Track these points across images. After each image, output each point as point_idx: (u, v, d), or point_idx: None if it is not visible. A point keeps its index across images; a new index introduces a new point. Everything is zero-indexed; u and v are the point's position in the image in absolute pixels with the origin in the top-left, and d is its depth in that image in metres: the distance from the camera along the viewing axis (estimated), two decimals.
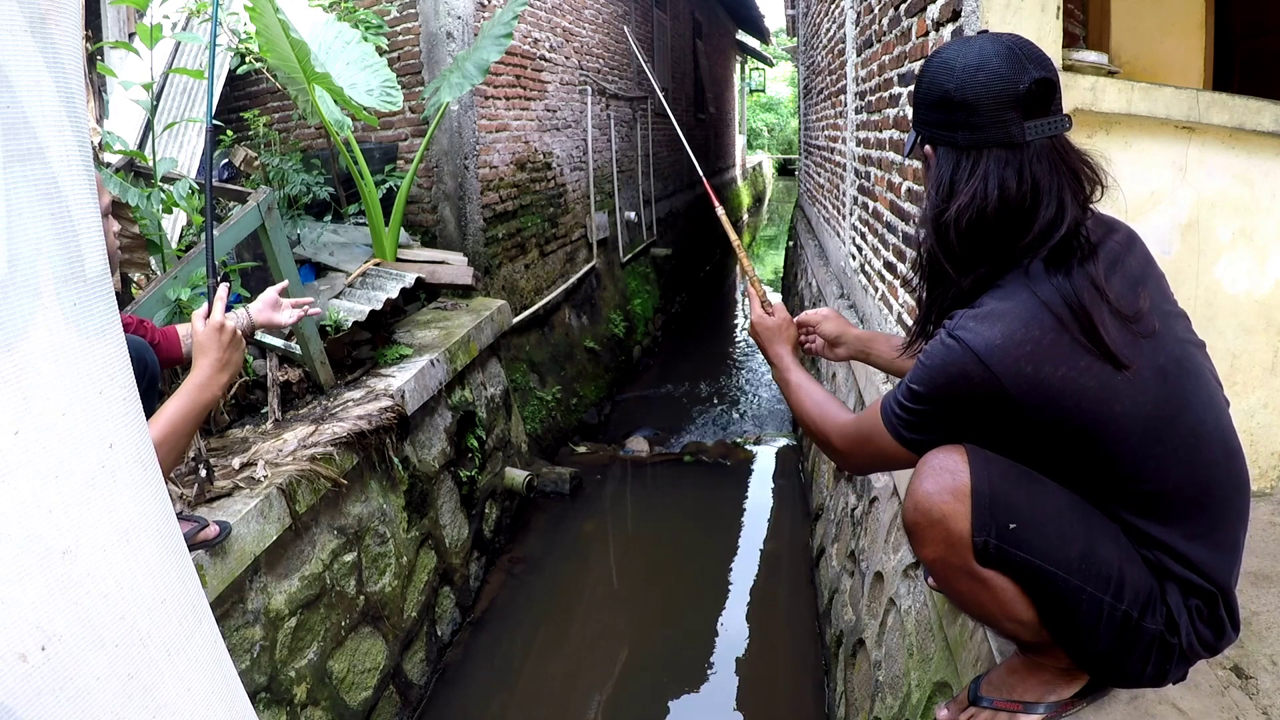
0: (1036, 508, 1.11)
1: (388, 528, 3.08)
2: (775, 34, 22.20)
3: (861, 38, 3.83)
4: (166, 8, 3.98)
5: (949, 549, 1.12)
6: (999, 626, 1.21)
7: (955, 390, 1.09)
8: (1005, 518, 1.09)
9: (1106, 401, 1.05)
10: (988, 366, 1.05)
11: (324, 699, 2.53)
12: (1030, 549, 1.10)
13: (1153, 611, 1.12)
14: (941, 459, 1.13)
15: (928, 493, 1.12)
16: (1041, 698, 1.26)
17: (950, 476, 1.10)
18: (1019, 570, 1.12)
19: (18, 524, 0.66)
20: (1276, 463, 2.08)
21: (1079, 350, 1.05)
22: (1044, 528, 1.10)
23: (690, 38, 12.59)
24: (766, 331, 1.57)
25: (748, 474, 5.16)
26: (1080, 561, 1.09)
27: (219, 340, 1.45)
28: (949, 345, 1.09)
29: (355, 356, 3.56)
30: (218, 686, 0.86)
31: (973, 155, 1.10)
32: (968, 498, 1.09)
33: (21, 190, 0.68)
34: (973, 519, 1.09)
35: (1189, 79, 3.09)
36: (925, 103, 1.15)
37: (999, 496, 1.09)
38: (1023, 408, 1.07)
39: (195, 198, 3.02)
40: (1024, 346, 1.04)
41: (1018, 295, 1.07)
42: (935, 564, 1.16)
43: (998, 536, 1.09)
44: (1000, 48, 1.08)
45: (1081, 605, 1.10)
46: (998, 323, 1.06)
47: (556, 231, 6.37)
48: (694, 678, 3.23)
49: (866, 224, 3.75)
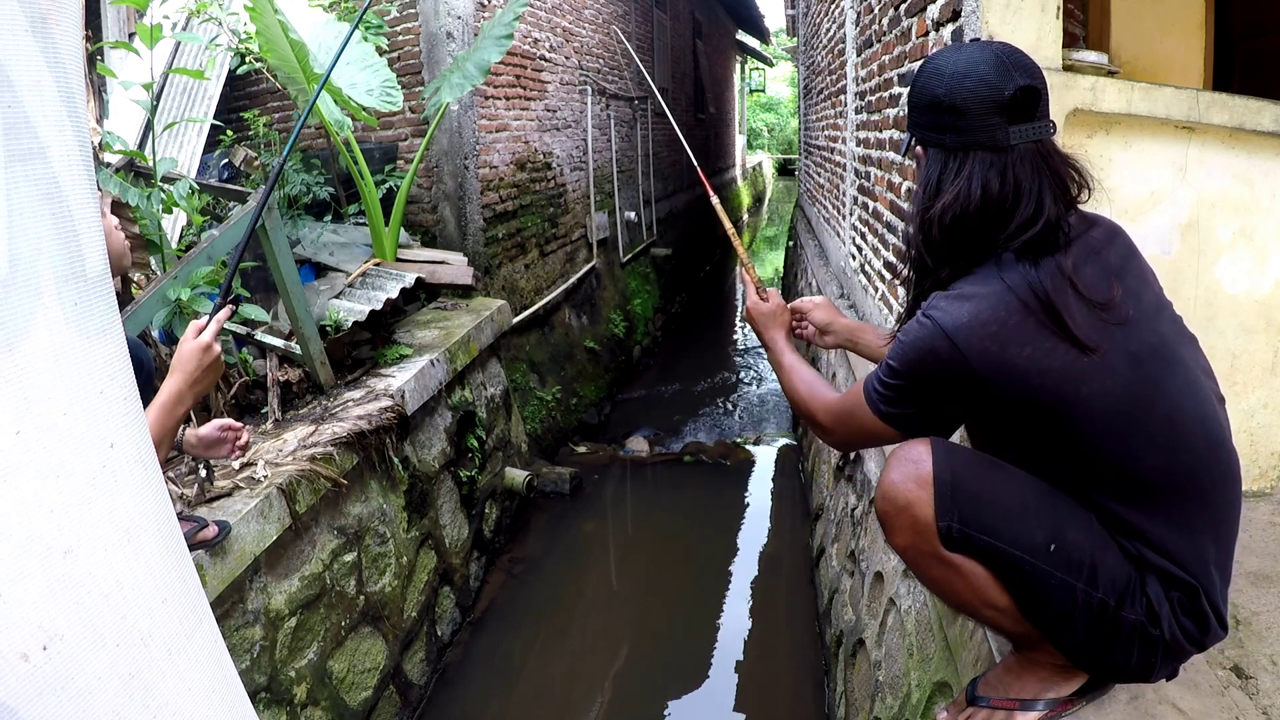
0: (1001, 494, 1.16)
1: (388, 528, 3.08)
2: (775, 34, 22.20)
3: (861, 38, 3.83)
4: (166, 8, 3.98)
5: (917, 535, 1.17)
6: (979, 615, 1.24)
7: (926, 366, 1.14)
8: (967, 503, 1.14)
9: (1073, 382, 1.09)
10: (955, 344, 1.10)
11: (324, 699, 2.53)
12: (994, 534, 1.14)
13: (1132, 601, 1.13)
14: (907, 450, 1.19)
15: (894, 481, 1.18)
16: (1039, 695, 1.26)
17: (914, 466, 1.16)
18: (985, 555, 1.16)
19: (19, 523, 0.66)
20: (1276, 463, 2.08)
21: (1044, 332, 1.09)
22: (1008, 513, 1.14)
23: (690, 38, 12.59)
24: (762, 316, 1.62)
25: (748, 474, 5.16)
26: (1048, 547, 1.13)
27: (200, 360, 1.46)
28: (922, 323, 1.14)
29: (355, 356, 3.56)
30: (218, 686, 0.86)
31: (959, 156, 1.15)
32: (930, 484, 1.14)
33: (23, 190, 0.69)
34: (935, 504, 1.14)
35: (1189, 79, 3.09)
36: (917, 106, 1.21)
37: (960, 483, 1.14)
38: (990, 384, 1.11)
39: (195, 198, 3.02)
40: (990, 326, 1.09)
41: (987, 281, 1.13)
42: (907, 551, 1.21)
43: (960, 521, 1.14)
44: (988, 55, 1.13)
45: (1052, 591, 1.13)
46: (967, 303, 1.11)
47: (556, 231, 6.37)
48: (694, 678, 3.23)
49: (866, 224, 3.75)
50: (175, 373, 1.46)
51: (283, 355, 3.20)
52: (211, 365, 1.48)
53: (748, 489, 4.98)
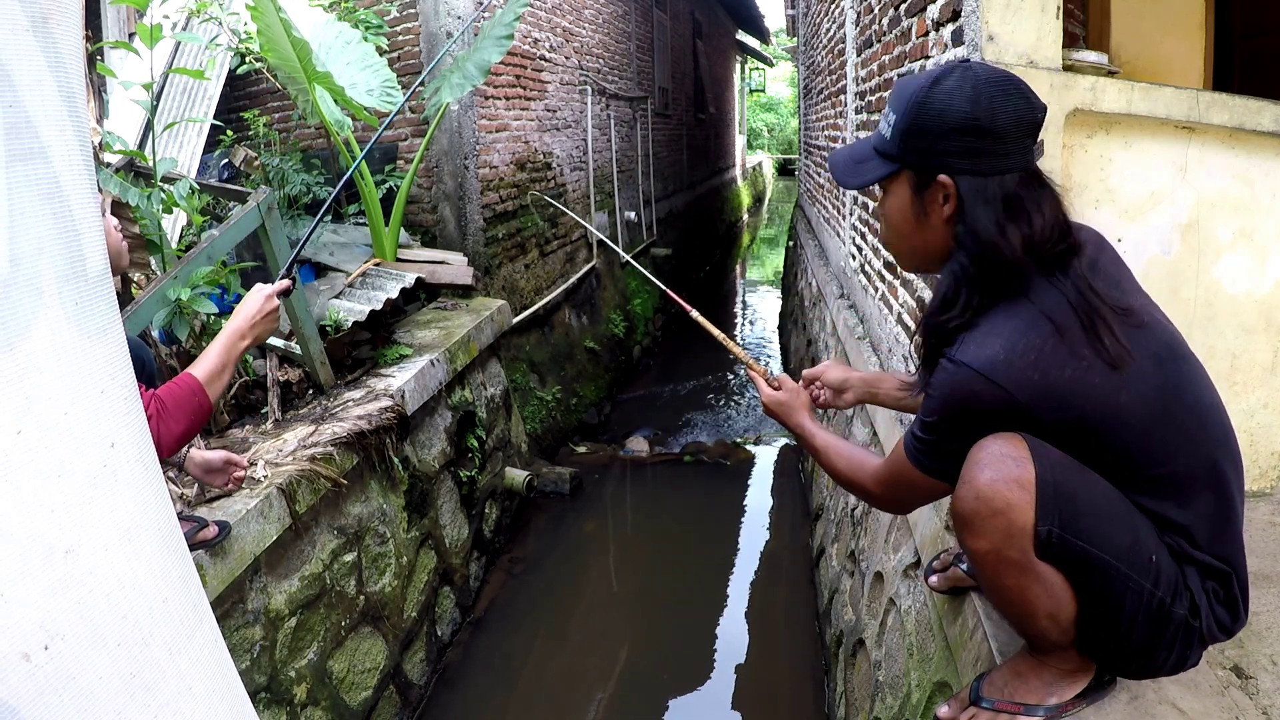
0: (1093, 497, 1.11)
1: (388, 528, 3.08)
2: (775, 34, 22.20)
3: (861, 38, 3.83)
4: (166, 8, 3.98)
5: (1006, 540, 1.10)
6: (1033, 625, 1.19)
7: (967, 412, 1.11)
8: (1066, 506, 1.08)
9: (1113, 393, 1.08)
10: (995, 382, 1.07)
11: (324, 699, 2.53)
12: (1090, 539, 1.09)
13: (1179, 597, 1.14)
14: (999, 446, 1.10)
15: (990, 481, 1.09)
16: (1042, 700, 1.26)
17: (1014, 465, 1.08)
18: (1075, 562, 1.11)
19: (20, 523, 0.66)
20: (1276, 463, 2.08)
21: (1080, 350, 1.07)
22: (1099, 516, 1.10)
23: (690, 38, 12.59)
24: (781, 407, 1.59)
25: (748, 474, 5.16)
26: (1130, 550, 1.10)
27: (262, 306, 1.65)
28: (953, 371, 1.11)
29: (355, 356, 3.56)
30: (218, 685, 0.86)
31: (996, 180, 1.12)
32: (1033, 486, 1.07)
33: (24, 189, 0.69)
34: (1037, 508, 1.08)
35: (1189, 79, 3.09)
36: (937, 132, 1.13)
37: (1061, 485, 1.09)
38: (1033, 411, 1.09)
39: (195, 198, 3.02)
40: (1028, 356, 1.07)
41: (1015, 310, 1.10)
42: (986, 556, 1.13)
43: (1060, 525, 1.08)
44: (1002, 77, 1.12)
45: (1129, 594, 1.11)
46: (998, 339, 1.08)
47: (556, 231, 6.37)
48: (694, 677, 3.23)
49: (866, 224, 3.75)
50: (238, 315, 1.63)
51: (283, 355, 3.20)
52: (271, 313, 1.66)
53: (748, 489, 4.98)
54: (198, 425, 1.51)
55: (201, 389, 1.50)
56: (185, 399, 1.47)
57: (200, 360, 1.55)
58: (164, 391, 1.48)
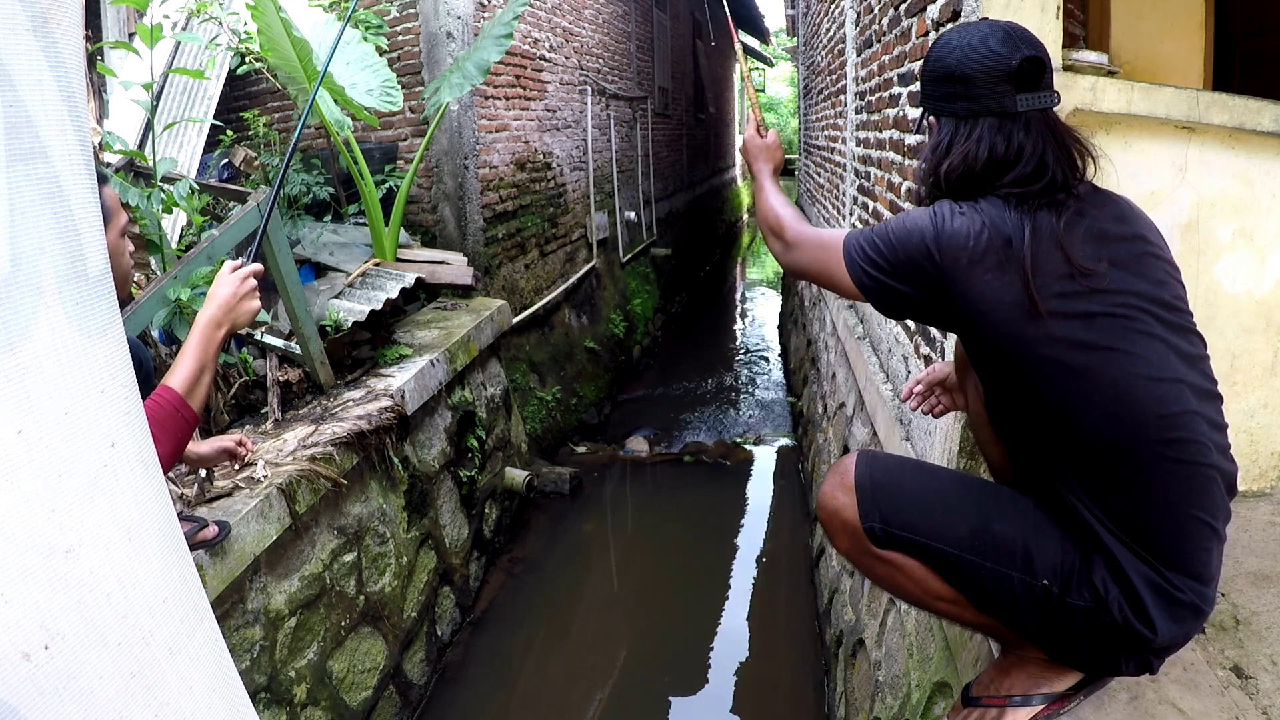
0: (921, 493, 1.26)
1: (388, 528, 3.08)
2: (775, 34, 22.19)
3: (861, 38, 3.83)
4: (166, 8, 3.98)
5: (852, 538, 1.27)
6: (934, 607, 1.31)
7: (908, 249, 1.20)
8: (886, 502, 1.25)
9: (1019, 322, 1.12)
10: (939, 244, 1.17)
11: (324, 699, 2.53)
12: (914, 529, 1.23)
13: (1077, 587, 1.14)
14: (839, 463, 1.31)
15: (825, 491, 1.30)
16: (1031, 690, 1.26)
17: (840, 475, 1.29)
18: (914, 550, 1.24)
19: (21, 523, 0.66)
20: (1276, 463, 2.08)
21: (1007, 269, 1.13)
22: (927, 509, 1.24)
23: (690, 38, 12.59)
24: (755, 148, 1.64)
25: (748, 474, 5.16)
26: (973, 538, 1.20)
27: (235, 289, 1.46)
28: (930, 212, 1.21)
29: (355, 356, 3.56)
30: (219, 685, 0.86)
31: (969, 123, 1.22)
32: (853, 490, 1.26)
33: (24, 189, 0.69)
34: (858, 507, 1.25)
35: (1189, 79, 3.09)
36: (930, 79, 1.28)
37: (880, 485, 1.26)
38: (949, 288, 1.16)
39: (195, 198, 3.02)
40: (967, 241, 1.15)
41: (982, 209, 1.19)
42: (850, 554, 1.31)
43: (881, 520, 1.24)
44: (997, 30, 1.21)
45: (986, 579, 1.19)
46: (961, 218, 1.18)
47: (556, 231, 6.37)
48: (694, 677, 3.24)
49: (866, 224, 3.75)
50: (211, 302, 1.46)
51: (283, 355, 3.20)
52: (248, 295, 1.48)
53: (748, 489, 4.98)
54: (185, 439, 1.40)
55: (183, 402, 1.40)
56: (168, 418, 1.37)
57: (176, 367, 1.42)
58: (147, 410, 1.39)
